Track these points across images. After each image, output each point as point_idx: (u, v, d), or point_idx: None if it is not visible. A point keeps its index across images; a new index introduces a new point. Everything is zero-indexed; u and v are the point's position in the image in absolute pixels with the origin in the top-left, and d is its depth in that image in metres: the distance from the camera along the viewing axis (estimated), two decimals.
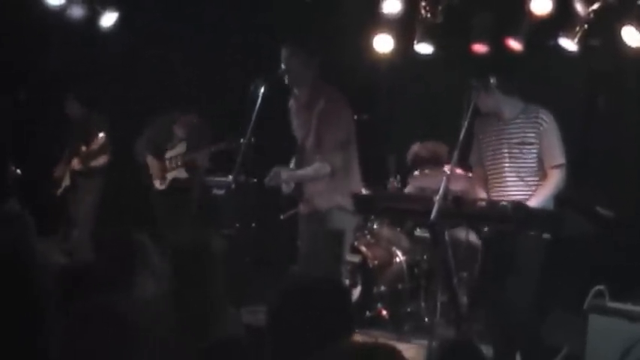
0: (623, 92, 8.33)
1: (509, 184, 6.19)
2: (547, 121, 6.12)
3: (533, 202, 5.93)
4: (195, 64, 9.37)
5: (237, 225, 9.11)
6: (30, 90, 9.70)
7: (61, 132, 9.57)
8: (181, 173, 8.82)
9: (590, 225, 6.11)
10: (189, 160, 8.77)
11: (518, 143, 6.14)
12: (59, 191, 9.52)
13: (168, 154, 8.89)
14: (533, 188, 6.12)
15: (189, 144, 8.82)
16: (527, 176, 6.15)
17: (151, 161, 8.89)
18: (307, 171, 6.71)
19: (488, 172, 6.32)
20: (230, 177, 7.03)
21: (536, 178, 6.14)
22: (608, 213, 7.00)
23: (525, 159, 6.13)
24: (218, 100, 9.35)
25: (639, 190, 8.08)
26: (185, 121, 8.89)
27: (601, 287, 6.68)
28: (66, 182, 9.47)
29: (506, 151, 6.20)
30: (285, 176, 6.72)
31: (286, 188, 6.85)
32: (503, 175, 6.22)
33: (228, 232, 8.72)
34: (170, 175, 8.84)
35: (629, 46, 7.32)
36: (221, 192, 9.32)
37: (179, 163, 8.81)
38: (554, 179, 6.09)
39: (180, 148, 8.85)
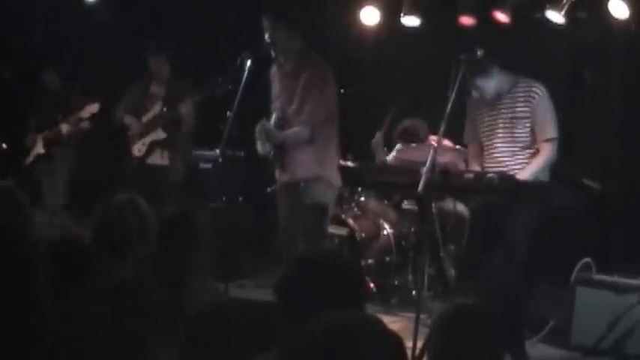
0: (609, 64, 8.32)
1: (502, 158, 6.16)
2: (540, 95, 6.07)
3: (522, 175, 5.92)
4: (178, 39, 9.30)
5: (224, 198, 9.10)
6: (15, 64, 9.63)
7: (37, 103, 9.45)
8: (159, 134, 8.45)
9: (577, 197, 6.09)
10: (167, 119, 8.40)
11: (512, 117, 6.11)
12: (29, 160, 9.35)
13: (145, 118, 8.52)
14: (526, 162, 6.10)
15: (166, 102, 8.48)
16: (520, 150, 6.12)
17: (130, 120, 8.50)
18: (288, 132, 6.65)
19: (484, 147, 6.29)
20: (217, 150, 6.99)
21: (530, 152, 6.12)
22: (594, 185, 7.00)
23: (519, 133, 6.10)
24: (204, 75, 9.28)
25: (625, 161, 8.10)
26: (159, 77, 8.58)
27: (588, 260, 6.72)
28: (39, 150, 9.30)
29: (500, 125, 6.16)
30: (269, 129, 6.64)
31: (262, 149, 6.75)
32: (497, 149, 6.18)
33: (215, 206, 8.70)
34: (148, 139, 8.46)
35: (616, 18, 7.32)
36: (208, 165, 9.31)
37: (156, 124, 8.45)
38: (545, 153, 6.07)
39: (157, 108, 8.52)
